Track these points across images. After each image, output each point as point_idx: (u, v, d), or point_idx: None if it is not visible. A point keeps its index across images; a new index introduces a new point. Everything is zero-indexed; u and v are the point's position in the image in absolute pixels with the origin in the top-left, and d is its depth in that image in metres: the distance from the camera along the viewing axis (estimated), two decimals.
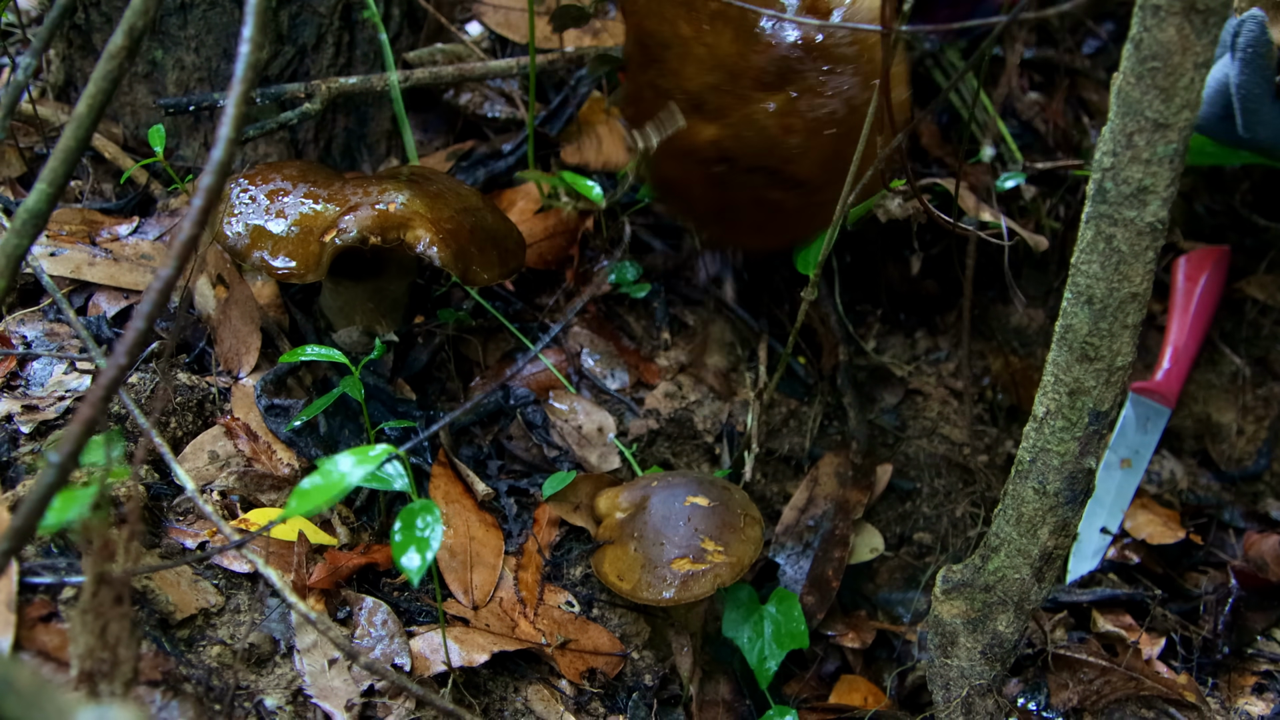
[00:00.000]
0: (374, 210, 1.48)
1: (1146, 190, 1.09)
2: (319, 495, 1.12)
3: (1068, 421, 1.20)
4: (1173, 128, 1.07)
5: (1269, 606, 1.66)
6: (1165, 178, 1.09)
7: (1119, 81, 1.08)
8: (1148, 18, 1.05)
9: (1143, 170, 1.09)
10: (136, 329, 0.86)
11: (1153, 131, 1.07)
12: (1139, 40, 1.06)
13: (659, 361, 1.79)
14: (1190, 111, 1.07)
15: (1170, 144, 1.08)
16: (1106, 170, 1.10)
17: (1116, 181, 1.10)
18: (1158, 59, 1.05)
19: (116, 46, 1.10)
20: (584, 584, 1.54)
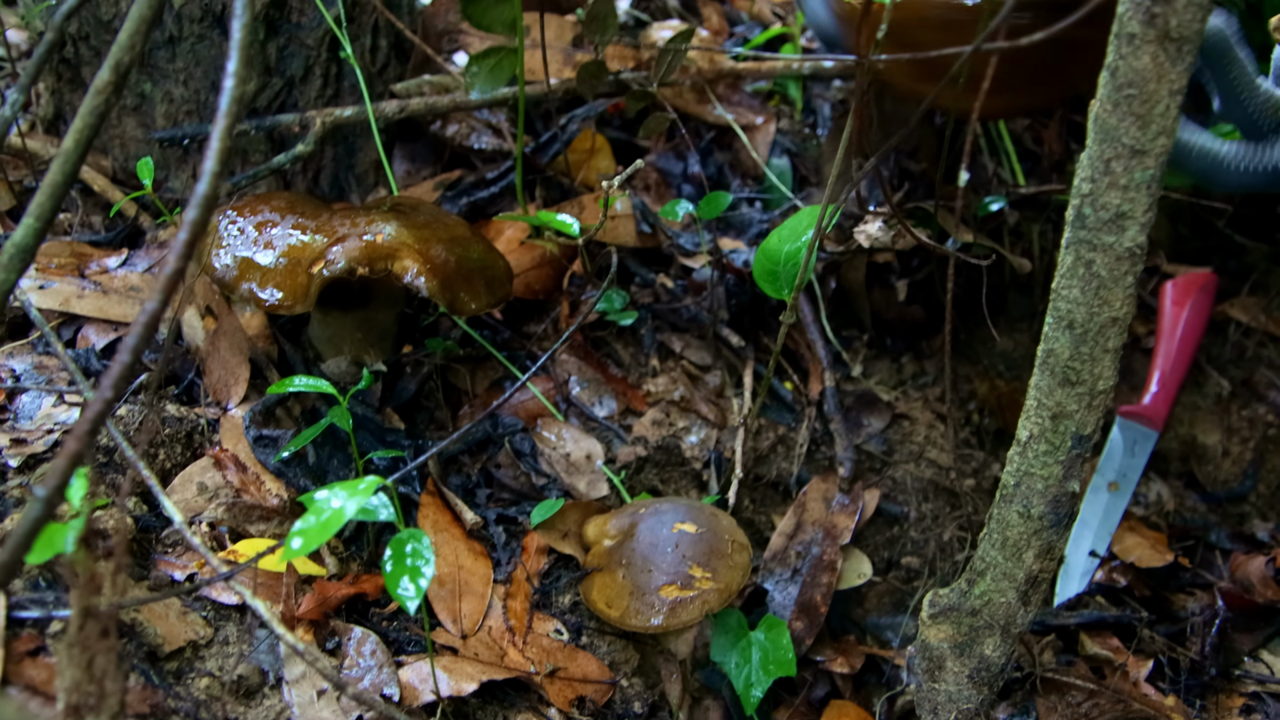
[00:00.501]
0: (361, 241, 1.49)
1: (1125, 216, 1.10)
2: (317, 534, 1.13)
3: (1051, 445, 1.21)
4: (1149, 154, 1.08)
5: (1256, 628, 1.67)
6: (1143, 203, 1.10)
7: (1096, 109, 1.09)
8: (1123, 46, 1.06)
9: (1121, 196, 1.10)
10: (122, 363, 0.87)
11: (1130, 158, 1.09)
12: (1115, 68, 1.07)
13: (647, 388, 1.79)
14: (1166, 138, 1.08)
15: (1147, 170, 1.09)
16: (1085, 196, 1.12)
17: (1095, 207, 1.11)
18: (1133, 86, 1.06)
19: (103, 82, 1.11)
20: (573, 611, 1.54)
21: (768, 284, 1.58)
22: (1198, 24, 1.03)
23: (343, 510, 1.14)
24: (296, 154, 1.72)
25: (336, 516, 1.13)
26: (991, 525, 1.27)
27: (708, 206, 1.77)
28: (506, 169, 1.95)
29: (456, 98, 1.90)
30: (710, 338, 1.85)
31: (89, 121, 1.13)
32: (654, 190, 2.05)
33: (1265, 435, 1.94)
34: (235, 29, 0.99)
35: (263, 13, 1.75)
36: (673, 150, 2.12)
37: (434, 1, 2.07)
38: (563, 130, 1.96)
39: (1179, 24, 1.03)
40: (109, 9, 1.74)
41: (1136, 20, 1.04)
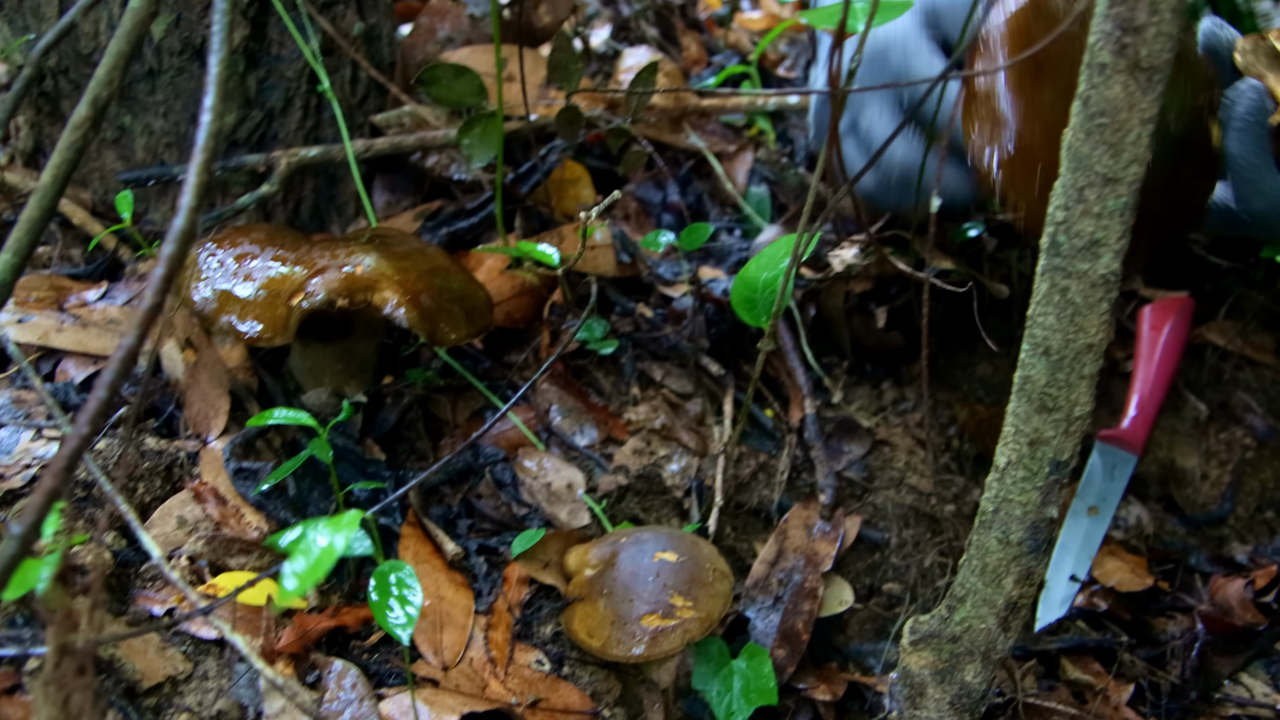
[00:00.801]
0: (341, 273, 1.49)
1: (1099, 243, 1.11)
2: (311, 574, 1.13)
3: (1029, 471, 1.21)
4: (1122, 182, 1.09)
5: (1235, 650, 1.67)
6: (1116, 231, 1.11)
7: (1069, 137, 1.11)
8: (1094, 75, 1.07)
9: (1094, 224, 1.11)
10: (98, 399, 0.86)
11: (1103, 186, 1.10)
12: (1087, 98, 1.08)
13: (627, 417, 1.80)
14: (1138, 166, 1.09)
15: (1120, 198, 1.10)
16: (1059, 224, 1.13)
17: (1069, 235, 1.12)
18: (1105, 115, 1.07)
19: (81, 117, 1.11)
20: (554, 642, 1.54)
21: (746, 312, 1.58)
22: (1167, 54, 1.05)
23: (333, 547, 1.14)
24: (261, 195, 1.73)
25: (328, 554, 1.14)
26: (971, 551, 1.27)
27: (689, 237, 1.77)
28: (486, 199, 1.95)
29: (424, 136, 1.91)
30: (691, 366, 1.86)
31: (67, 157, 1.13)
32: (634, 219, 2.06)
33: (1243, 458, 1.95)
34: (212, 64, 0.99)
35: (242, 46, 1.76)
36: (652, 180, 2.13)
37: (412, 32, 2.08)
38: (543, 161, 1.96)
39: (1149, 54, 1.04)
40: (88, 43, 1.75)
41: (1107, 50, 1.05)
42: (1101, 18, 1.05)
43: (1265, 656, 1.68)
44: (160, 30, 1.73)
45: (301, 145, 1.86)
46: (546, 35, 2.09)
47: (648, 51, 2.28)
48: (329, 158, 1.83)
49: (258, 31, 1.77)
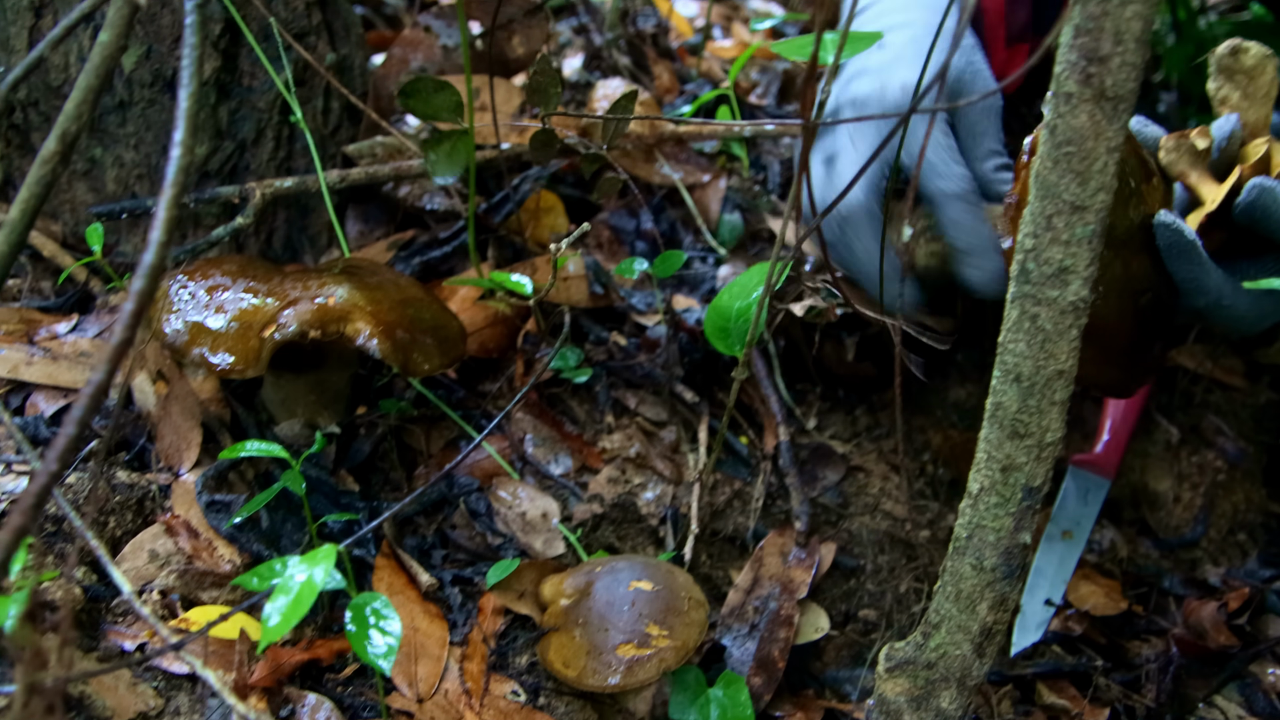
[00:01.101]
0: (313, 304, 1.49)
1: (1067, 270, 1.12)
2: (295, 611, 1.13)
3: (1001, 498, 1.22)
4: (1090, 210, 1.10)
5: (1209, 673, 1.68)
6: (1085, 258, 1.12)
7: (1037, 166, 1.12)
8: (1061, 104, 1.08)
9: (1063, 251, 1.12)
10: (67, 435, 0.86)
11: (1071, 214, 1.11)
12: (1054, 126, 1.09)
13: (602, 445, 1.79)
14: (1105, 194, 1.10)
15: (1088, 225, 1.11)
16: (1029, 251, 1.13)
17: (1038, 262, 1.13)
18: (1072, 144, 1.08)
19: (50, 152, 1.11)
20: (530, 672, 1.53)
21: (720, 340, 1.59)
22: (1132, 83, 1.06)
23: (313, 582, 1.14)
24: (235, 227, 1.72)
25: (309, 589, 1.14)
26: (945, 578, 1.28)
27: (662, 265, 1.78)
28: (459, 228, 1.95)
29: (399, 166, 1.91)
30: (665, 394, 1.86)
31: (36, 191, 1.13)
32: (606, 248, 2.06)
33: (1214, 481, 1.96)
34: (182, 98, 0.99)
35: (213, 77, 1.76)
36: (625, 207, 2.14)
37: (384, 63, 2.08)
38: (515, 190, 1.97)
39: (1114, 83, 1.05)
40: (58, 75, 1.74)
41: (1073, 80, 1.06)
42: (1067, 48, 1.06)
43: (1239, 679, 1.69)
44: (131, 62, 1.73)
45: (274, 176, 1.86)
46: (520, 66, 2.10)
47: (622, 82, 2.28)
48: (304, 189, 1.83)
49: (229, 63, 1.77)
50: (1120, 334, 1.47)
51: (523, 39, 2.06)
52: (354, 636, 1.23)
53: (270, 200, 1.80)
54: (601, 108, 2.20)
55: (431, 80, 1.63)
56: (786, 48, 1.38)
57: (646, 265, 1.80)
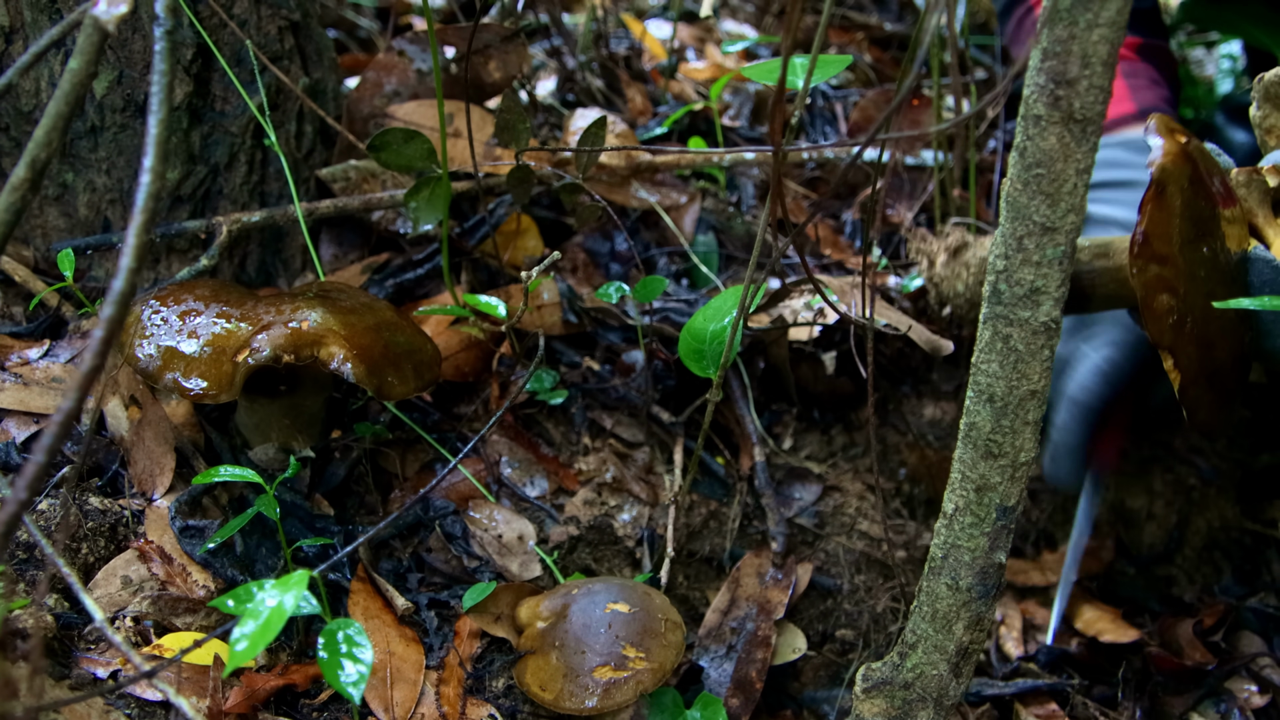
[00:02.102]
0: (287, 329, 1.49)
1: (1039, 291, 1.13)
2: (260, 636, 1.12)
3: (976, 518, 1.22)
4: (1060, 230, 1.11)
5: (1186, 690, 1.68)
6: (1056, 279, 1.13)
7: (1007, 187, 1.12)
8: (1030, 127, 1.09)
9: (1034, 272, 1.12)
10: (36, 463, 0.85)
11: (1041, 235, 1.11)
12: (1023, 149, 1.10)
13: (578, 467, 1.79)
14: (1075, 215, 1.11)
15: (1059, 246, 1.12)
16: (1000, 273, 1.14)
17: (1010, 283, 1.14)
18: (1042, 166, 1.09)
19: (19, 179, 1.10)
20: (507, 695, 1.53)
21: (694, 363, 1.59)
22: (1100, 105, 1.07)
23: (283, 607, 1.14)
24: (200, 269, 1.72)
25: (278, 615, 1.13)
26: (921, 598, 1.28)
27: (643, 290, 1.77)
28: (433, 251, 1.95)
29: (370, 198, 1.91)
30: (642, 416, 1.86)
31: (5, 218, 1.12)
32: (581, 270, 2.06)
33: (1189, 498, 1.97)
34: (151, 125, 0.99)
35: (185, 102, 1.75)
36: (600, 230, 2.14)
37: (358, 86, 2.08)
38: (490, 214, 1.97)
39: (1082, 106, 1.06)
40: (29, 100, 1.74)
41: (1041, 103, 1.07)
42: (1035, 70, 1.07)
43: (1215, 696, 1.69)
44: (102, 87, 1.72)
45: (247, 200, 1.85)
46: (496, 90, 2.10)
47: (597, 111, 2.29)
48: (271, 221, 1.83)
49: (201, 87, 1.77)
50: (1233, 375, 1.44)
51: (499, 64, 2.06)
52: (325, 664, 1.22)
53: (237, 235, 1.80)
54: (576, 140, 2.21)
55: (400, 131, 1.63)
56: (756, 72, 1.38)
57: (627, 289, 1.80)
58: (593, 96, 2.50)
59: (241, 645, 1.13)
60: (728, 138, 2.49)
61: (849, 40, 3.11)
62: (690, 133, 2.48)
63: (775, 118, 1.16)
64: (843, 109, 2.73)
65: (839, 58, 1.34)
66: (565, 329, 1.92)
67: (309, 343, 1.48)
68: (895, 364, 2.01)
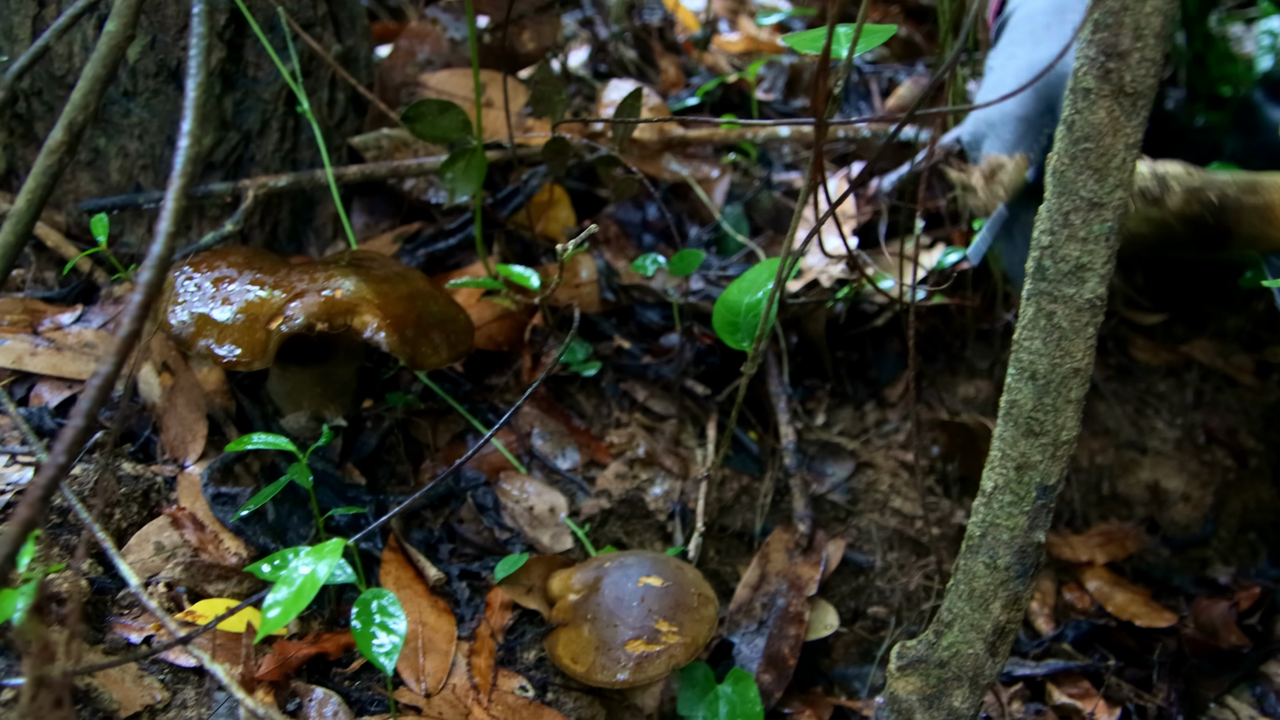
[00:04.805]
0: (320, 297, 1.48)
1: (1084, 268, 1.11)
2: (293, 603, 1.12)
3: (1015, 496, 1.21)
4: (1107, 206, 1.09)
5: (1220, 673, 1.67)
6: (1102, 255, 1.11)
7: (1054, 162, 1.10)
8: (1079, 100, 1.07)
9: (1080, 248, 1.11)
10: (75, 426, 0.85)
11: (1088, 210, 1.09)
12: (1071, 122, 1.08)
13: (610, 440, 1.78)
14: (1123, 191, 1.09)
15: (1105, 222, 1.10)
16: (1045, 249, 1.12)
17: (1055, 259, 1.12)
18: (1090, 140, 1.07)
19: (56, 141, 1.10)
20: (538, 668, 1.52)
21: (729, 335, 1.57)
22: (1151, 79, 1.05)
23: (316, 576, 1.14)
24: (225, 234, 1.71)
25: (311, 583, 1.13)
26: (958, 576, 1.27)
27: (680, 263, 1.76)
28: (465, 221, 1.94)
29: (398, 165, 1.90)
30: (675, 390, 1.85)
31: (42, 181, 1.12)
32: (614, 243, 2.05)
33: (1225, 480, 1.95)
34: (189, 88, 0.98)
35: (218, 68, 1.74)
36: (632, 201, 2.12)
37: (391, 54, 2.07)
38: (524, 185, 1.95)
39: (1133, 79, 1.04)
40: (62, 65, 1.73)
41: (1092, 75, 1.05)
42: (1085, 43, 1.05)
43: (1251, 679, 1.68)
44: (135, 52, 1.71)
45: (279, 167, 1.84)
46: (530, 60, 2.08)
47: (631, 83, 2.27)
48: (298, 186, 1.82)
49: (234, 54, 1.76)
50: None
51: (533, 34, 2.04)
52: (359, 633, 1.22)
53: (264, 199, 1.79)
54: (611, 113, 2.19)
55: (435, 102, 1.62)
56: (799, 41, 1.36)
57: (663, 261, 1.79)
58: (625, 68, 2.48)
59: (274, 612, 1.13)
60: (762, 112, 2.47)
61: (884, 14, 3.08)
62: (723, 105, 2.46)
63: (818, 88, 1.14)
64: (878, 85, 2.70)
65: (883, 27, 1.32)
66: (603, 307, 1.91)
67: (342, 311, 1.47)
68: (929, 340, 1.99)
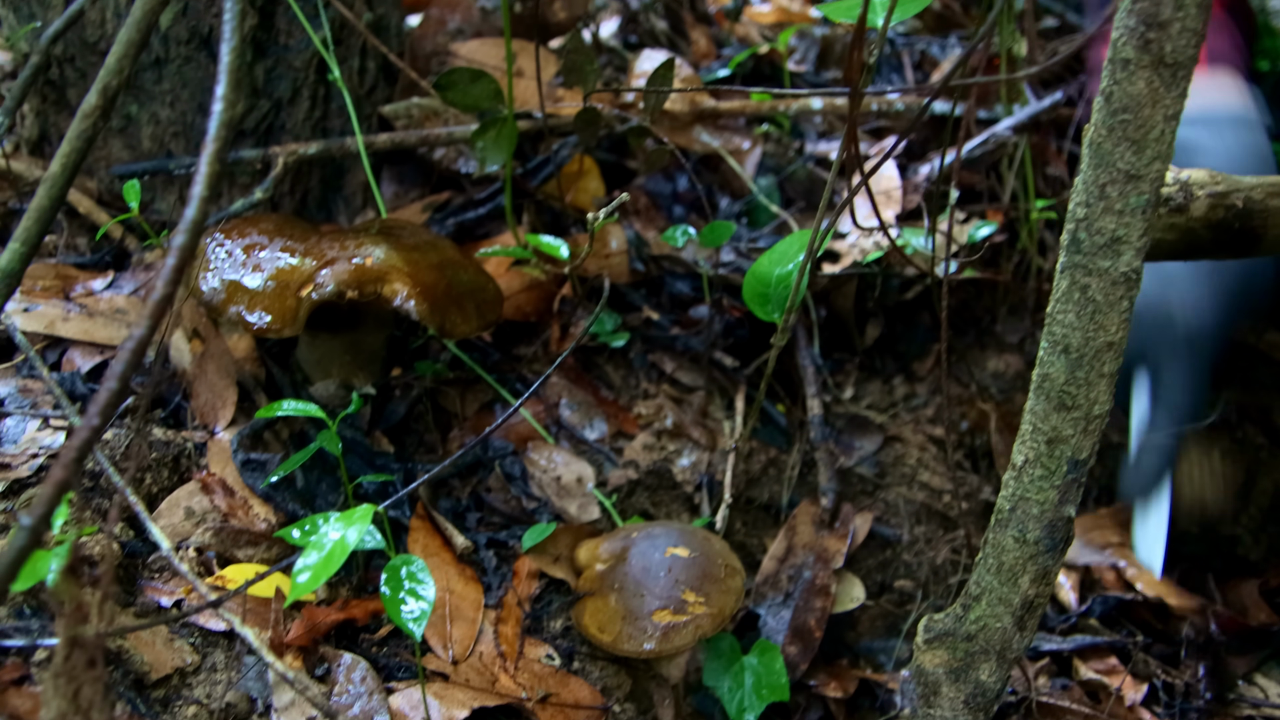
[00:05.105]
0: (351, 264, 1.48)
1: (1120, 240, 1.10)
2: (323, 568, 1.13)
3: (1046, 470, 1.20)
4: (1144, 179, 1.08)
5: (1249, 650, 1.66)
6: (1138, 228, 1.10)
7: (1091, 133, 1.09)
8: (1118, 71, 1.06)
9: (1116, 221, 1.09)
10: (109, 390, 0.85)
11: (1125, 183, 1.08)
12: (1109, 93, 1.07)
13: (638, 411, 1.78)
14: (1161, 163, 1.08)
15: (1142, 195, 1.08)
16: (1080, 221, 1.11)
17: (1090, 232, 1.11)
18: (1128, 111, 1.06)
19: (91, 106, 1.10)
20: (564, 636, 1.53)
21: (759, 306, 1.57)
22: (1192, 49, 1.03)
23: (345, 541, 1.14)
24: (254, 201, 1.71)
25: (340, 548, 1.14)
26: (987, 550, 1.26)
27: (710, 235, 1.75)
28: (495, 190, 1.94)
29: (427, 134, 1.90)
30: (704, 361, 1.84)
31: (76, 145, 1.12)
32: (644, 214, 2.04)
33: (1256, 457, 1.94)
34: (224, 53, 0.98)
35: (250, 35, 1.74)
36: (662, 172, 2.12)
37: (421, 23, 2.06)
38: (554, 155, 1.95)
39: (1174, 49, 1.03)
40: (95, 31, 1.73)
41: (1131, 45, 1.04)
42: (1125, 13, 1.04)
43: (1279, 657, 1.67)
44: (167, 19, 1.71)
45: (309, 135, 1.84)
46: (561, 30, 2.08)
47: (664, 53, 2.26)
48: (328, 154, 1.82)
49: (265, 21, 1.76)
50: None
51: (564, 4, 2.04)
52: (388, 599, 1.23)
53: (294, 166, 1.79)
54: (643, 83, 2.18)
55: (467, 71, 1.62)
56: (834, 10, 1.35)
57: (693, 232, 1.78)
58: (656, 38, 2.47)
59: (304, 576, 1.14)
60: (794, 83, 2.46)
61: None
62: (754, 76, 2.44)
63: (853, 57, 1.13)
64: (910, 58, 2.68)
65: None
66: (632, 277, 1.91)
67: (373, 279, 1.48)
68: (959, 314, 1.98)
